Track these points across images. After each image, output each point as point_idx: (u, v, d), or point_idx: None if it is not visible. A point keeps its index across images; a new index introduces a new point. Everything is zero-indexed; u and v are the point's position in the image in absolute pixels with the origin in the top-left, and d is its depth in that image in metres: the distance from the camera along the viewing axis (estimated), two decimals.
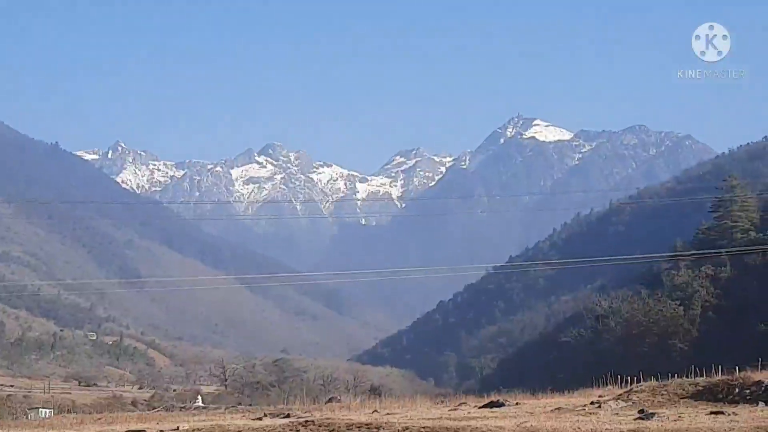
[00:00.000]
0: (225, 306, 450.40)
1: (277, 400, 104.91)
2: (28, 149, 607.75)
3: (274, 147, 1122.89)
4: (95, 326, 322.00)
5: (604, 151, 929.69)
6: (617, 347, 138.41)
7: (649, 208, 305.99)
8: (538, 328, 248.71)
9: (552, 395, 67.79)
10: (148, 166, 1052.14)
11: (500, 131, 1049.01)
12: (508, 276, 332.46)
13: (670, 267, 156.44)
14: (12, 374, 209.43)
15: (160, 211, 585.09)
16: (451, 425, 39.03)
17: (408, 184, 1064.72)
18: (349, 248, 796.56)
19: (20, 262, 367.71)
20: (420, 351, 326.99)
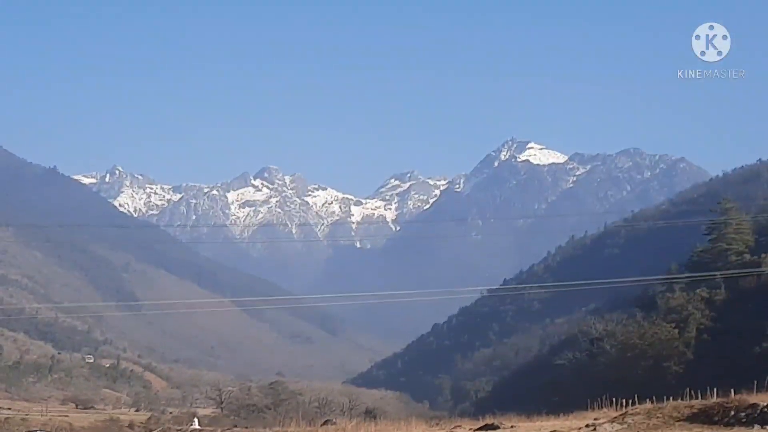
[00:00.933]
0: (221, 329, 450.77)
1: (273, 423, 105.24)
2: (26, 173, 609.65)
3: (269, 170, 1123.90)
4: (92, 349, 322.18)
5: (598, 174, 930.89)
6: (612, 370, 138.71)
7: (643, 231, 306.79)
8: (533, 350, 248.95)
9: (547, 418, 68.37)
10: (145, 189, 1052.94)
11: (494, 154, 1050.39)
12: (503, 299, 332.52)
13: (665, 290, 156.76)
14: (10, 397, 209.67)
15: (156, 235, 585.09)
16: None
17: (402, 207, 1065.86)
18: (344, 271, 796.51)
19: (18, 285, 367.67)
20: (415, 374, 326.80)
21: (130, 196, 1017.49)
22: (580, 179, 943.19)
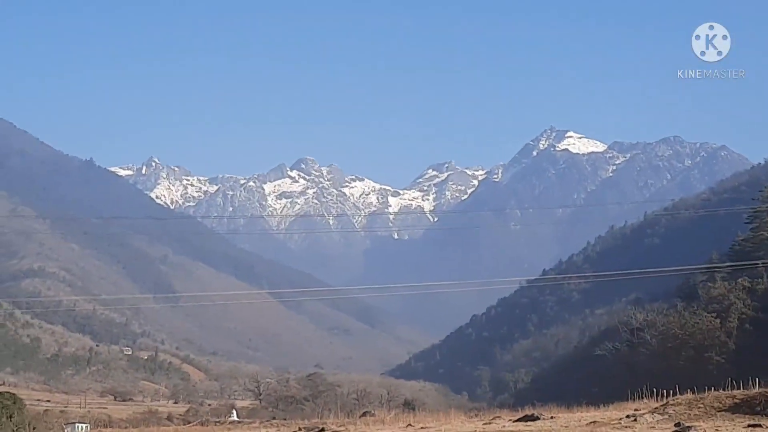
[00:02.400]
0: (258, 321, 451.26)
1: (311, 415, 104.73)
2: (64, 166, 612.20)
3: (306, 161, 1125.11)
4: (130, 341, 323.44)
5: (638, 163, 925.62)
6: (653, 361, 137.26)
7: (684, 220, 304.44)
8: (573, 342, 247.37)
9: (587, 409, 67.42)
10: (182, 181, 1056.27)
11: (533, 144, 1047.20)
12: (542, 290, 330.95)
13: (706, 279, 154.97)
14: (49, 389, 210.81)
15: (193, 227, 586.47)
16: None
17: (440, 197, 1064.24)
18: (381, 262, 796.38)
19: (56, 278, 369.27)
20: (453, 365, 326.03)
21: (166, 188, 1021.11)
22: (620, 168, 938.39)
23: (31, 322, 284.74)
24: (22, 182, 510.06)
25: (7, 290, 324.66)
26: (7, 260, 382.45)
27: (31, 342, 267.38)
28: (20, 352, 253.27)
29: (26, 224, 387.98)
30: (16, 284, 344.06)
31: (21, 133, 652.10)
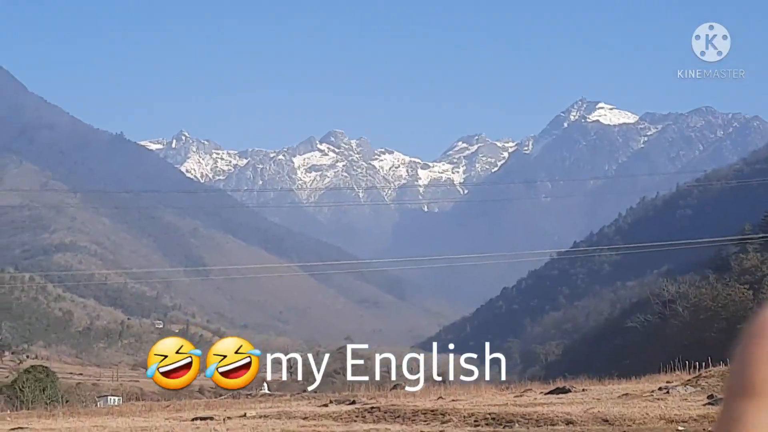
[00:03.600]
0: (289, 294, 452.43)
1: (341, 387, 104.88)
2: (93, 139, 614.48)
3: (335, 134, 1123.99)
4: (161, 315, 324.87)
5: (669, 134, 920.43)
6: (685, 333, 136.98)
7: (716, 191, 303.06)
8: (604, 314, 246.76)
9: (619, 381, 67.23)
10: (212, 155, 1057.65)
11: (563, 115, 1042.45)
12: (573, 262, 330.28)
13: (739, 250, 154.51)
14: (81, 362, 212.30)
15: (223, 200, 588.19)
16: (517, 411, 38.84)
17: (470, 170, 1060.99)
18: (411, 235, 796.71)
19: (87, 252, 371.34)
20: (483, 338, 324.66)
21: (196, 162, 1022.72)
22: (652, 139, 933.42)
23: (62, 295, 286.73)
24: (53, 156, 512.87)
25: (39, 264, 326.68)
26: (38, 234, 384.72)
27: (63, 315, 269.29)
28: (52, 326, 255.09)
29: (57, 198, 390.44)
30: (48, 258, 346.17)
31: (51, 107, 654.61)
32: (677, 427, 32.86)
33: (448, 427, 32.66)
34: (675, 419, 34.99)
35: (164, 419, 44.55)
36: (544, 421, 36.26)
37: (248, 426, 30.78)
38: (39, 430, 38.80)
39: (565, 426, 34.92)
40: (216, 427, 35.97)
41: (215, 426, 36.87)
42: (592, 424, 35.04)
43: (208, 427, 36.77)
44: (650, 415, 36.31)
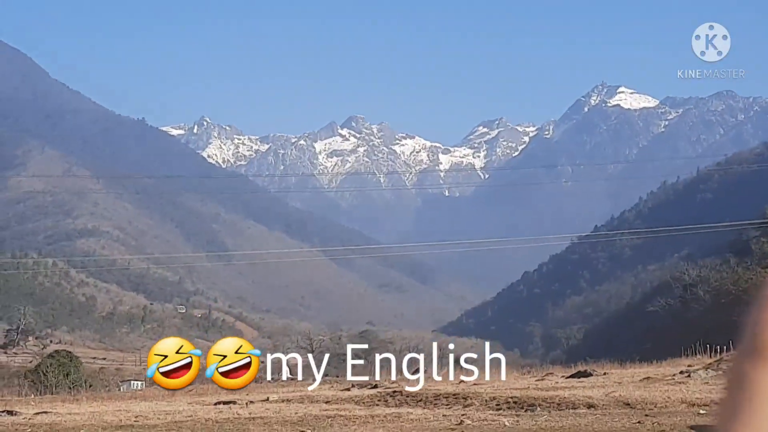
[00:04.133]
0: (311, 279, 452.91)
1: (363, 372, 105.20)
2: (117, 125, 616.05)
3: (356, 119, 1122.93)
4: (184, 299, 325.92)
5: (690, 118, 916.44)
6: (706, 316, 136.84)
7: (737, 175, 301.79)
8: (625, 298, 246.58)
9: (640, 365, 67.32)
10: (233, 140, 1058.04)
11: (584, 99, 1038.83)
12: (594, 246, 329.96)
13: (759, 234, 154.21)
14: (104, 347, 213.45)
15: (245, 185, 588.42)
16: (538, 395, 39.00)
17: (491, 154, 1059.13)
18: (433, 220, 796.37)
19: (110, 237, 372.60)
20: (505, 322, 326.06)
21: (218, 147, 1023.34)
22: (672, 123, 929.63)
23: (86, 281, 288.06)
24: (75, 142, 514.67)
25: (62, 249, 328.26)
26: (61, 220, 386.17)
27: (86, 301, 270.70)
28: (76, 311, 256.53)
29: (80, 184, 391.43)
30: (71, 244, 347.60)
31: (74, 93, 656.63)
32: (699, 410, 32.96)
33: (470, 411, 32.84)
34: (696, 403, 35.09)
35: (187, 404, 44.88)
36: (565, 404, 36.40)
37: (271, 410, 31.01)
38: (63, 414, 39.14)
39: (586, 409, 35.06)
40: (239, 411, 36.27)
41: (238, 410, 37.17)
42: (614, 407, 35.17)
43: (231, 411, 37.06)
44: (672, 398, 36.43)
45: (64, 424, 33.86)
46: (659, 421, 29.55)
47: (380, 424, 30.85)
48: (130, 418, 35.73)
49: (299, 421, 31.60)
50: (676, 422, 29.32)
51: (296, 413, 31.41)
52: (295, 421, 31.63)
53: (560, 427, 28.95)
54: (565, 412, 34.17)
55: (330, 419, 32.09)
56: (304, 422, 30.89)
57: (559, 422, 30.46)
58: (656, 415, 31.55)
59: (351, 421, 31.64)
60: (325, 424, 30.34)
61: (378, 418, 32.44)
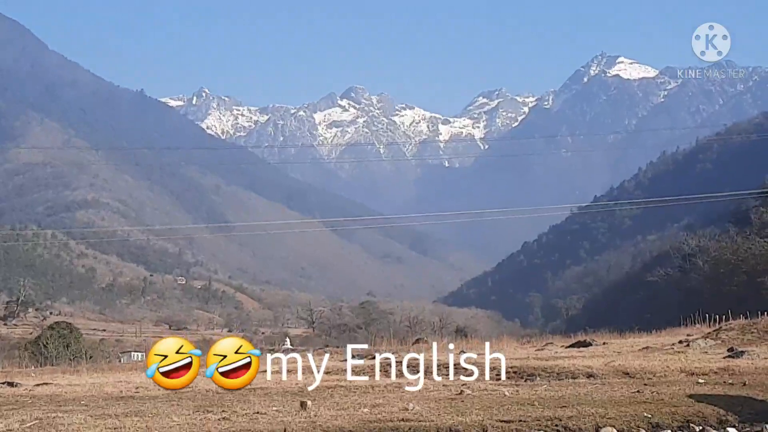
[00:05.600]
0: (311, 250, 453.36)
1: (364, 342, 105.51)
2: (114, 97, 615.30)
3: (356, 90, 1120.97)
4: (184, 271, 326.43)
5: (689, 88, 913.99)
6: (705, 286, 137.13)
7: (736, 145, 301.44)
8: (625, 268, 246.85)
9: (639, 335, 67.53)
10: (232, 111, 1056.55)
11: (583, 70, 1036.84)
12: (593, 216, 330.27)
13: (759, 204, 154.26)
14: (104, 319, 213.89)
15: (245, 156, 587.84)
16: (538, 365, 39.09)
17: (491, 125, 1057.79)
18: (433, 190, 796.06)
19: (110, 209, 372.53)
20: (505, 292, 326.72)
21: (217, 119, 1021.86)
22: (672, 93, 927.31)
23: (85, 252, 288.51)
24: (74, 114, 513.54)
25: (62, 221, 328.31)
26: (61, 191, 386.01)
27: (86, 272, 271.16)
28: (75, 282, 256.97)
29: (79, 155, 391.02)
30: (71, 215, 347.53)
31: (72, 65, 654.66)
32: (697, 379, 33.05)
33: (470, 381, 32.87)
34: (695, 372, 35.20)
35: None
36: (565, 374, 36.49)
37: (271, 380, 30.95)
38: (63, 385, 39.24)
39: (586, 379, 35.16)
40: None
41: None
42: (613, 377, 35.27)
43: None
44: (671, 368, 36.52)
45: (64, 395, 33.96)
46: (658, 390, 29.63)
47: (380, 394, 30.94)
48: (130, 389, 35.82)
49: (299, 391, 31.67)
50: (675, 391, 29.40)
51: (296, 384, 31.47)
52: (295, 392, 31.71)
53: (560, 397, 29.02)
54: (564, 382, 34.26)
55: (330, 389, 32.16)
56: (304, 393, 30.95)
57: (559, 392, 30.54)
58: (655, 385, 31.64)
59: (351, 392, 31.72)
60: (325, 394, 30.42)
61: (378, 388, 32.52)
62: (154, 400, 30.80)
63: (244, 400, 29.28)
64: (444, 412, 25.98)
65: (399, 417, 24.98)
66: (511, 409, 26.49)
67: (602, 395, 29.13)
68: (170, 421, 24.85)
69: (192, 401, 29.78)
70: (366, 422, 24.29)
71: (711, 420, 25.54)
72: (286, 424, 23.74)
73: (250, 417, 25.66)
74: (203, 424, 24.41)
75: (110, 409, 28.00)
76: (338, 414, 25.80)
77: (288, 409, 27.01)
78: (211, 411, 26.92)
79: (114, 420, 25.24)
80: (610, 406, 26.51)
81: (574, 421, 24.47)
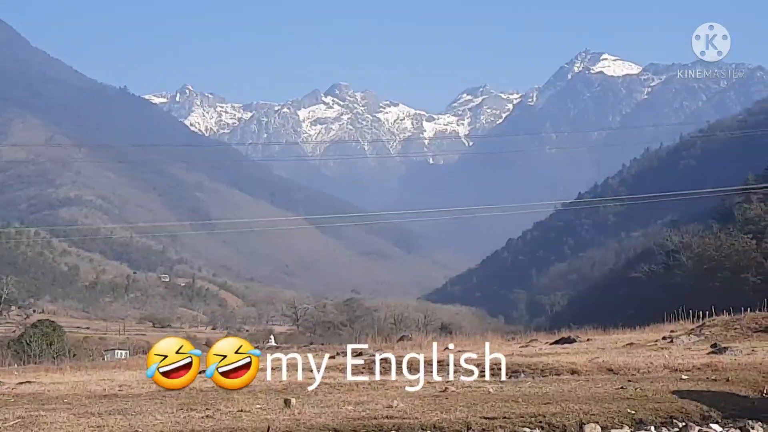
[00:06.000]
0: (295, 247, 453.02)
1: (348, 339, 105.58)
2: (98, 94, 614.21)
3: (340, 87, 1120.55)
4: (168, 268, 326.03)
5: (673, 85, 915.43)
6: (688, 282, 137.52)
7: (720, 142, 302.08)
8: (609, 264, 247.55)
9: (623, 331, 67.53)
10: (216, 108, 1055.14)
11: (567, 67, 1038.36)
12: (578, 213, 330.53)
13: (742, 201, 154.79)
14: (87, 316, 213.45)
15: (229, 154, 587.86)
16: (522, 361, 39.11)
17: (475, 122, 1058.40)
18: (417, 187, 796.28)
19: (92, 206, 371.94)
20: (490, 289, 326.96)
21: (201, 116, 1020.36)
22: (655, 90, 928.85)
23: (68, 250, 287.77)
24: (57, 111, 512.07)
25: (45, 219, 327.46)
26: (44, 189, 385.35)
27: (69, 270, 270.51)
28: (58, 280, 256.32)
29: (63, 153, 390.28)
30: (54, 212, 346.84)
31: (55, 61, 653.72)
32: (681, 376, 33.07)
33: (455, 378, 32.86)
34: (679, 368, 35.22)
35: None
36: (549, 370, 36.54)
37: (256, 378, 30.85)
38: (46, 384, 39.10)
39: (570, 375, 35.19)
40: None
41: None
42: (597, 373, 35.30)
43: None
44: (654, 364, 36.55)
45: (47, 393, 33.84)
46: (642, 387, 29.64)
47: (365, 391, 30.92)
48: (114, 387, 35.71)
49: (283, 389, 31.62)
50: (658, 388, 29.41)
51: (281, 381, 31.40)
52: (279, 389, 31.66)
53: (544, 393, 29.03)
54: (548, 379, 34.28)
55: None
56: (288, 390, 30.91)
57: (543, 388, 30.55)
58: (639, 381, 31.65)
59: (335, 389, 31.70)
60: (309, 392, 30.35)
61: (363, 385, 32.49)
62: (138, 398, 30.71)
63: (228, 397, 29.21)
64: (428, 409, 25.97)
65: (383, 414, 24.95)
66: (495, 405, 26.49)
67: (586, 392, 29.14)
68: (153, 420, 24.80)
69: (176, 399, 29.71)
70: (350, 419, 24.27)
71: (694, 416, 25.57)
72: (270, 421, 23.70)
73: (234, 415, 25.60)
74: (187, 422, 24.35)
75: (93, 408, 27.92)
76: (322, 411, 25.78)
77: (272, 407, 26.99)
78: (194, 409, 26.86)
79: (97, 418, 25.17)
80: (594, 403, 26.52)
81: (558, 417, 24.47)
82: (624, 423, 24.54)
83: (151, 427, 23.54)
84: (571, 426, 24.03)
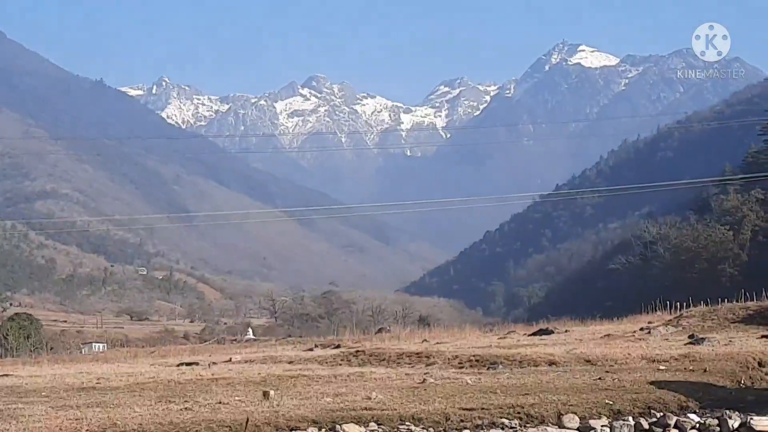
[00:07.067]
0: (273, 240, 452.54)
1: (326, 332, 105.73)
2: (75, 86, 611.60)
3: (317, 79, 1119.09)
4: (145, 261, 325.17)
5: (650, 76, 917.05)
6: (666, 273, 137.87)
7: (697, 133, 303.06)
8: (586, 256, 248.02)
9: (601, 322, 67.57)
10: (193, 100, 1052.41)
11: (545, 58, 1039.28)
12: (555, 205, 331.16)
13: (719, 191, 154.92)
14: (65, 309, 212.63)
15: (206, 146, 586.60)
16: (500, 353, 39.11)
17: (452, 113, 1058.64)
18: (395, 179, 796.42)
19: (69, 199, 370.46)
20: (467, 281, 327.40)
21: (177, 108, 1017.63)
22: (633, 81, 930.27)
23: (45, 243, 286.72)
24: (34, 103, 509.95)
25: (21, 212, 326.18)
26: (20, 182, 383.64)
27: (45, 263, 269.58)
28: (35, 273, 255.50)
29: (39, 145, 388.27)
30: (30, 205, 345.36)
31: (31, 54, 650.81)
32: (659, 366, 33.13)
33: (433, 369, 32.80)
34: (656, 359, 35.26)
35: (149, 365, 44.75)
36: (527, 362, 36.51)
37: (234, 370, 30.80)
38: (24, 377, 38.93)
39: (548, 367, 35.18)
40: (201, 372, 36.18)
41: (200, 371, 37.09)
42: (575, 364, 35.30)
43: (193, 372, 36.98)
44: (632, 355, 36.59)
45: (25, 386, 33.70)
46: (620, 378, 29.72)
47: (343, 383, 30.85)
48: (92, 380, 35.56)
49: (262, 381, 31.55)
50: (636, 378, 29.49)
51: (259, 373, 31.35)
52: (257, 381, 31.58)
53: (522, 385, 29.05)
54: (526, 370, 34.28)
55: (293, 379, 32.02)
56: (266, 382, 30.84)
57: (521, 379, 30.56)
58: (617, 372, 31.72)
59: (314, 381, 31.62)
60: (288, 384, 30.29)
61: (341, 377, 32.43)
62: (116, 391, 30.60)
63: (207, 390, 29.13)
64: (407, 400, 25.94)
65: (362, 406, 24.90)
66: (474, 397, 26.47)
67: (564, 383, 29.16)
68: (132, 412, 24.69)
69: (154, 392, 29.61)
70: (329, 411, 24.21)
71: (672, 406, 25.65)
72: (249, 413, 23.61)
73: (213, 407, 25.50)
74: (165, 414, 24.25)
75: (72, 401, 27.81)
76: (301, 403, 25.70)
77: (251, 399, 26.89)
78: (173, 401, 26.76)
79: (75, 411, 25.06)
80: (572, 394, 26.56)
81: (536, 408, 24.50)
82: (602, 413, 24.58)
83: (130, 419, 23.45)
84: (549, 416, 24.06)
